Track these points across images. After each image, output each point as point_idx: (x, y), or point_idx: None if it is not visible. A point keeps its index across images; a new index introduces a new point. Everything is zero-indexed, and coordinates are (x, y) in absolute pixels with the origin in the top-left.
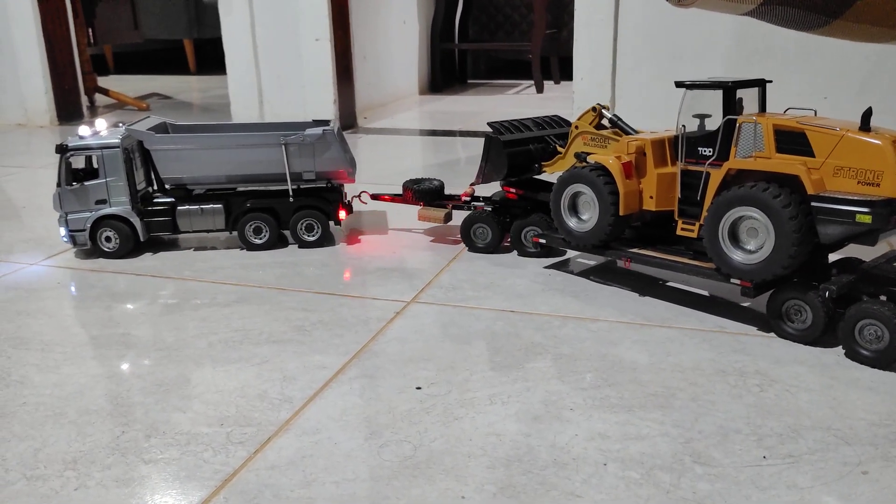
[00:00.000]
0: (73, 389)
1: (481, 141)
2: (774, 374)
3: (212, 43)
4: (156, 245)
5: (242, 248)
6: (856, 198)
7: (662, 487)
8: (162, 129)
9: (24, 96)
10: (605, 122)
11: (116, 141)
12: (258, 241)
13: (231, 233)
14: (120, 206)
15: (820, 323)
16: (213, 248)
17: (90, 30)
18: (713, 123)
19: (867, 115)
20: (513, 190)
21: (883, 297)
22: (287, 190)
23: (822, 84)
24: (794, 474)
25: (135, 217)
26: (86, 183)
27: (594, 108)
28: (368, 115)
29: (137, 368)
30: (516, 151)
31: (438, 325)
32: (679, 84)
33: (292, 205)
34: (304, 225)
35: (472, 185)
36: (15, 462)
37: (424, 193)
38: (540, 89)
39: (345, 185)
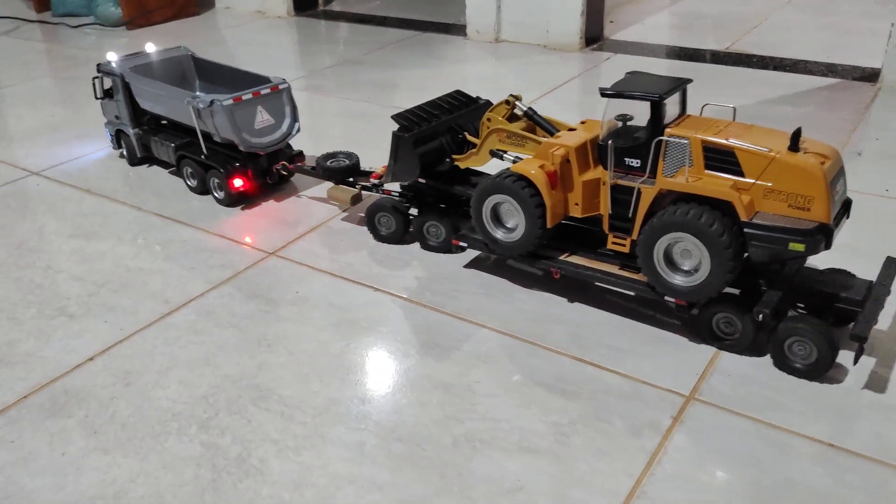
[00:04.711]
0: (313, 497)
1: (764, 75)
2: None
3: None
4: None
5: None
6: (788, 226)
7: None
8: (186, 62)
9: None
10: (518, 112)
11: (118, 69)
12: (191, 184)
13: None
14: (126, 124)
15: (750, 335)
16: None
17: None
18: (636, 122)
19: (796, 135)
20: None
21: (801, 306)
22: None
23: None
24: None
25: (131, 136)
26: (104, 100)
27: (507, 101)
28: (615, 19)
29: (380, 469)
30: (427, 150)
31: (732, 456)
32: (604, 93)
33: (204, 160)
34: (215, 182)
35: (384, 181)
36: None
37: (333, 172)
38: None
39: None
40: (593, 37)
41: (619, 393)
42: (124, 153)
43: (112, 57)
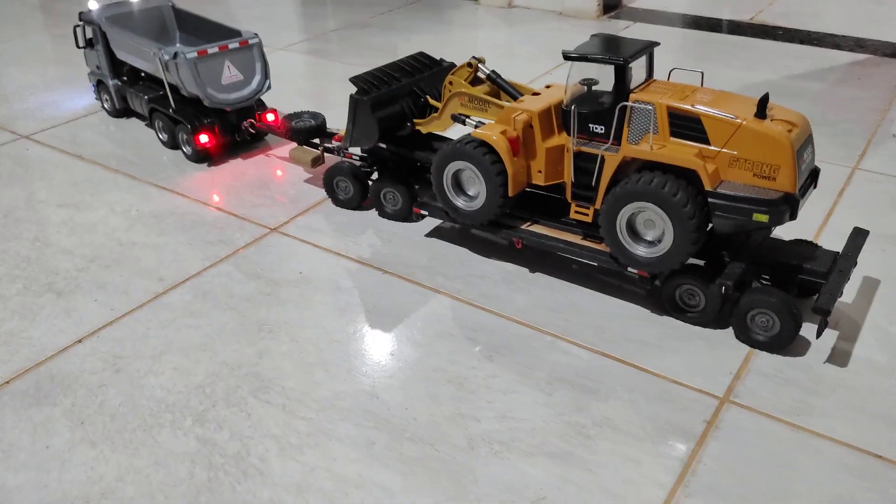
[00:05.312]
0: (318, 502)
1: (788, 48)
2: None
3: None
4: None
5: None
6: (753, 196)
7: None
8: (167, 12)
9: None
10: (480, 75)
11: (97, 18)
12: (162, 138)
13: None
14: (106, 75)
15: (715, 307)
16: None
17: None
18: (601, 87)
19: (763, 101)
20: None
21: (766, 278)
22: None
23: None
24: None
25: (111, 87)
26: (86, 49)
27: (469, 64)
28: None
29: (390, 473)
30: (386, 114)
31: (770, 469)
32: (567, 56)
33: (173, 114)
34: (183, 137)
35: (343, 146)
36: None
37: (298, 132)
38: None
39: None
40: (611, 4)
41: (647, 392)
42: (105, 106)
43: (93, 5)
